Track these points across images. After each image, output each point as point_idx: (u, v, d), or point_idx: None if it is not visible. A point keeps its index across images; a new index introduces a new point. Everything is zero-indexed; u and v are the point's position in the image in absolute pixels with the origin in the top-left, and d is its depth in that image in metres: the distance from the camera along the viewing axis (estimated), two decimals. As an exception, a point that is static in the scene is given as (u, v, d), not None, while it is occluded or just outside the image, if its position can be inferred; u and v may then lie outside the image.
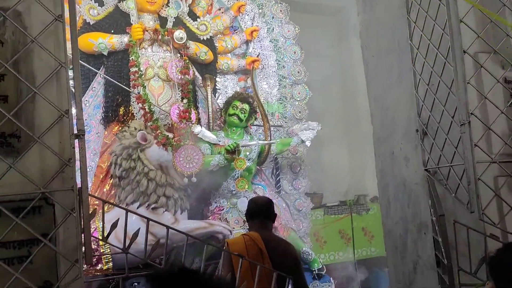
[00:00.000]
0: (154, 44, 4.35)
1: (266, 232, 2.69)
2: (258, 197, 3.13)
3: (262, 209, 2.74)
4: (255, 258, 2.47)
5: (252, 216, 2.74)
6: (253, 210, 2.75)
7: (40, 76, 1.53)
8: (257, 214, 2.73)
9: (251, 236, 2.61)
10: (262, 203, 2.80)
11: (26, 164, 1.50)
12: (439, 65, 2.26)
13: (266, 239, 2.62)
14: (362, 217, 6.19)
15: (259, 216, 2.72)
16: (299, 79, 5.23)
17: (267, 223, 2.74)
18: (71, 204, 1.53)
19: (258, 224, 2.71)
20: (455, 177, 2.19)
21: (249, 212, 2.77)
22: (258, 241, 2.58)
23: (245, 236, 2.65)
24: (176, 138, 4.16)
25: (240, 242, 2.60)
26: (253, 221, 2.73)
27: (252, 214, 2.75)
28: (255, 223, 2.72)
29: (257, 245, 2.56)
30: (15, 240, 1.52)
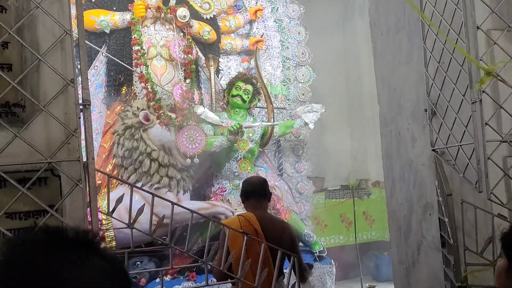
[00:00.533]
0: (156, 22, 4.28)
1: (261, 212, 2.67)
2: (252, 177, 3.07)
3: (256, 188, 2.71)
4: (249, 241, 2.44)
5: (246, 196, 2.71)
6: (247, 191, 2.71)
7: (45, 44, 1.49)
8: (251, 194, 2.70)
9: (246, 217, 2.59)
10: (256, 183, 2.76)
11: (32, 135, 1.47)
12: (450, 42, 2.20)
13: (262, 219, 2.61)
14: (364, 201, 6.21)
15: (254, 196, 2.69)
16: (303, 61, 5.16)
17: (262, 202, 2.72)
18: (78, 175, 1.50)
19: (253, 204, 2.68)
20: (463, 157, 2.17)
21: (244, 193, 2.73)
22: (253, 221, 2.56)
23: (240, 217, 2.63)
24: (179, 118, 4.13)
25: (235, 223, 2.58)
26: (248, 201, 2.71)
27: (246, 194, 2.71)
28: (250, 203, 2.70)
29: (252, 225, 2.55)
30: (21, 211, 1.50)
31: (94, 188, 1.49)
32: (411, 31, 2.53)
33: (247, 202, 2.72)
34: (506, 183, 2.14)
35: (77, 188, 1.48)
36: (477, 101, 2.00)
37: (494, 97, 2.09)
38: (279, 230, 2.67)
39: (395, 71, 2.75)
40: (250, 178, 2.95)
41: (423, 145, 2.57)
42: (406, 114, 2.72)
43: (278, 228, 2.70)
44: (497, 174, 2.09)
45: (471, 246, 2.14)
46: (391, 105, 2.86)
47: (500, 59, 2.10)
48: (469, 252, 2.15)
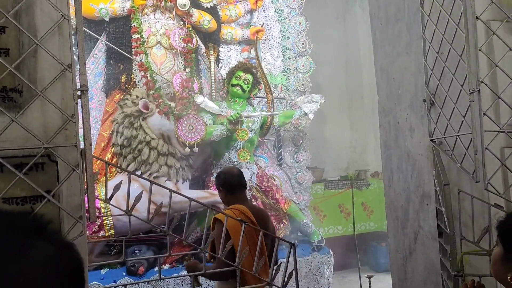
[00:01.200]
0: (156, 11, 4.26)
1: (249, 203, 2.68)
2: (231, 169, 2.93)
3: (241, 180, 2.70)
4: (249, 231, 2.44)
5: (232, 189, 2.67)
6: (233, 183, 2.67)
7: (42, 29, 1.49)
8: (238, 186, 2.68)
9: (240, 210, 2.57)
10: (239, 175, 2.72)
11: (29, 120, 1.48)
12: (450, 33, 2.20)
13: (253, 210, 2.62)
14: (362, 192, 6.23)
15: (240, 188, 2.69)
16: (304, 51, 5.14)
17: (245, 193, 2.73)
18: (75, 161, 1.51)
19: (240, 197, 2.68)
20: (461, 147, 2.17)
21: (229, 186, 2.68)
22: (249, 214, 2.56)
23: (234, 211, 2.58)
24: (179, 107, 4.12)
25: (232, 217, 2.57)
26: (235, 194, 2.67)
27: (232, 187, 2.67)
28: (236, 196, 2.67)
29: (248, 217, 2.54)
30: (17, 197, 1.51)
31: (91, 174, 1.49)
32: (410, 21, 2.52)
33: (233, 194, 2.68)
34: (503, 173, 2.15)
35: (74, 174, 1.49)
36: (475, 92, 2.00)
37: (492, 88, 2.09)
38: (266, 219, 2.71)
39: (394, 61, 2.74)
40: (231, 170, 2.84)
41: (421, 135, 2.57)
42: (405, 104, 2.72)
43: (265, 217, 2.73)
44: (494, 164, 2.09)
45: (467, 236, 2.16)
46: (390, 95, 2.85)
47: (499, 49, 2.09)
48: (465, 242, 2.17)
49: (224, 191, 2.71)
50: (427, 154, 2.52)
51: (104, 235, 3.79)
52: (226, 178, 2.72)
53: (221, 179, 2.73)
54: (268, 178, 4.49)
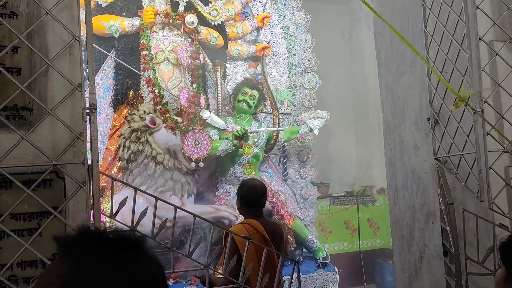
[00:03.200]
0: (165, 28, 4.34)
1: (263, 219, 2.67)
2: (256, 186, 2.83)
3: (261, 199, 2.70)
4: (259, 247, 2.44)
5: (249, 204, 2.67)
6: (252, 200, 2.68)
7: (54, 49, 1.53)
8: (256, 204, 2.68)
9: (252, 225, 2.57)
10: (262, 193, 2.73)
11: (38, 137, 1.51)
12: (453, 53, 2.22)
13: (266, 225, 2.61)
14: (368, 209, 6.19)
15: (258, 206, 2.69)
16: (309, 67, 5.19)
17: (262, 210, 2.73)
18: (82, 178, 1.54)
19: (255, 212, 2.67)
20: (465, 166, 2.17)
21: (248, 201, 2.68)
22: (260, 229, 2.55)
23: (245, 225, 2.58)
24: (185, 122, 4.17)
25: (242, 231, 2.56)
26: (249, 208, 2.68)
27: (251, 202, 2.67)
28: (251, 210, 2.67)
29: (260, 233, 2.54)
30: (25, 212, 1.53)
31: (98, 191, 1.52)
32: (414, 41, 2.55)
33: (249, 209, 2.69)
34: (508, 193, 2.15)
35: (81, 190, 1.51)
36: (479, 111, 2.01)
37: (496, 108, 2.11)
38: (280, 235, 2.68)
39: (399, 80, 2.77)
40: (254, 187, 2.78)
41: (425, 153, 2.58)
42: (409, 123, 2.74)
43: (279, 232, 2.70)
44: (499, 184, 2.09)
45: (472, 255, 2.14)
46: (395, 113, 2.87)
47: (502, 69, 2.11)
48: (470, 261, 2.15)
49: (242, 202, 2.71)
50: (432, 172, 2.52)
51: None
52: (248, 192, 2.70)
53: (244, 191, 2.72)
54: (273, 194, 4.49)
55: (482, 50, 2.12)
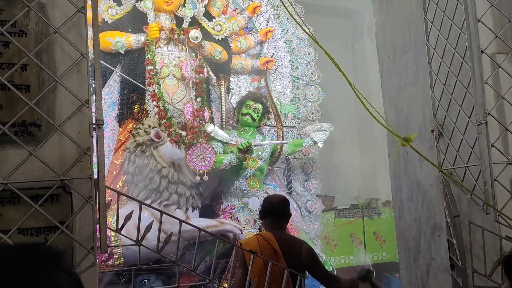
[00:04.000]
0: (170, 43, 4.40)
1: (279, 231, 2.64)
2: (273, 196, 3.07)
3: (275, 208, 2.69)
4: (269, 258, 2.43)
5: (265, 215, 2.70)
6: (267, 209, 2.70)
7: (62, 66, 1.56)
8: (270, 213, 2.68)
9: (264, 236, 2.58)
10: (276, 202, 2.74)
11: (46, 152, 1.53)
12: (455, 65, 2.24)
13: (280, 238, 2.58)
14: (374, 221, 6.15)
15: (273, 215, 2.68)
16: (313, 80, 5.23)
17: (280, 222, 2.69)
18: (88, 192, 1.55)
19: (271, 224, 2.67)
20: (470, 178, 2.17)
21: (263, 211, 2.73)
22: (272, 241, 2.54)
23: (258, 237, 2.60)
24: (189, 136, 4.19)
25: (253, 242, 2.56)
26: (266, 220, 2.70)
27: (266, 213, 2.70)
28: (267, 222, 2.69)
29: (271, 245, 2.53)
30: (32, 227, 1.55)
31: (104, 205, 1.53)
32: (417, 53, 2.57)
33: (265, 220, 2.71)
34: (514, 205, 2.13)
35: (87, 205, 1.53)
36: (483, 123, 2.02)
37: (500, 119, 2.11)
38: (297, 250, 2.62)
39: (402, 93, 2.79)
40: (272, 197, 2.93)
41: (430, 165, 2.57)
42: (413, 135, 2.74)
43: (296, 247, 2.64)
44: (505, 196, 2.09)
45: (479, 269, 2.13)
46: (399, 126, 2.88)
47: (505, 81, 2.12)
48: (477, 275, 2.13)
49: (260, 215, 2.78)
50: (437, 184, 2.52)
51: (113, 263, 3.79)
52: (263, 203, 2.78)
53: (262, 204, 2.80)
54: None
55: (485, 63, 2.14)
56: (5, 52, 1.55)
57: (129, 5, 4.37)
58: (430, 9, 2.45)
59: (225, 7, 4.96)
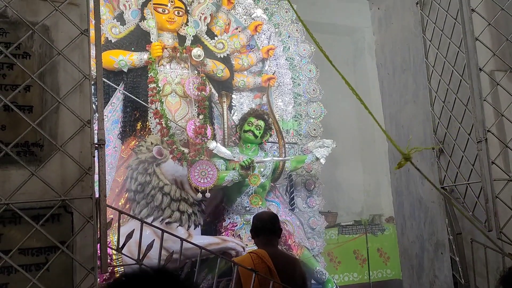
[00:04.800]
0: (172, 61, 4.45)
1: (272, 248, 2.64)
2: (262, 213, 3.05)
3: (266, 225, 2.68)
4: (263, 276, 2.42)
5: (257, 232, 2.69)
6: (257, 227, 2.69)
7: (65, 87, 1.59)
8: (261, 231, 2.67)
9: (258, 254, 2.56)
10: (266, 219, 2.73)
11: (47, 172, 1.55)
12: (455, 83, 2.26)
13: (274, 256, 2.57)
14: (377, 238, 6.10)
15: (264, 233, 2.67)
16: (314, 97, 5.26)
17: (273, 239, 2.69)
18: (89, 212, 1.56)
19: (263, 241, 2.66)
20: (472, 195, 2.17)
21: (254, 229, 2.71)
22: (266, 259, 2.53)
23: (252, 254, 2.58)
24: (192, 153, 4.20)
25: (247, 260, 2.55)
26: (258, 237, 2.68)
27: (256, 230, 2.69)
28: (260, 240, 2.67)
29: (265, 263, 2.51)
30: (33, 247, 1.55)
31: (105, 225, 1.54)
32: (416, 71, 2.59)
33: (257, 238, 2.69)
34: (516, 222, 2.12)
35: (88, 224, 1.53)
36: (483, 141, 2.02)
37: (500, 136, 2.12)
38: (291, 267, 2.63)
39: (402, 110, 2.80)
40: (261, 214, 2.93)
41: (432, 182, 2.57)
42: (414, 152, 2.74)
43: (290, 264, 2.66)
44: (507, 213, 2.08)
45: (482, 286, 2.11)
46: (399, 143, 2.88)
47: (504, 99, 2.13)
48: (481, 293, 2.11)
49: (251, 233, 2.75)
50: (439, 201, 2.51)
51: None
52: (253, 221, 2.76)
53: (253, 222, 2.78)
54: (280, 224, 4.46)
55: (484, 80, 2.15)
56: (9, 73, 1.58)
57: (132, 24, 4.44)
58: (428, 27, 2.48)
59: (227, 26, 5.03)
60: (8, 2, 1.54)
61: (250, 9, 5.18)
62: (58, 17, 1.59)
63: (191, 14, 4.68)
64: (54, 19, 1.59)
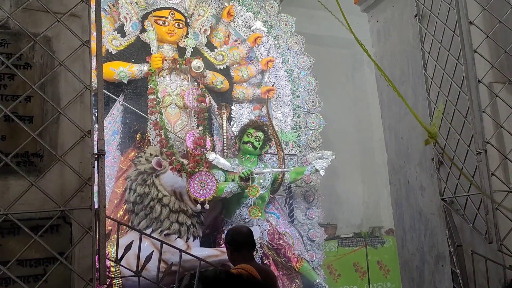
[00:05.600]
0: (172, 73, 4.48)
1: (254, 263, 2.67)
2: (240, 227, 3.02)
3: (248, 239, 2.71)
4: None
5: (239, 248, 2.69)
6: (240, 241, 2.70)
7: (65, 98, 1.60)
8: (245, 245, 2.69)
9: (247, 270, 2.57)
10: (246, 233, 2.76)
11: (47, 183, 1.54)
12: (453, 94, 2.27)
13: (259, 270, 2.60)
14: (377, 250, 6.06)
15: (247, 247, 2.70)
16: (314, 109, 5.27)
17: (252, 253, 2.74)
18: (88, 223, 1.55)
19: (245, 256, 2.68)
20: (472, 207, 2.16)
21: (235, 244, 2.70)
22: (255, 274, 2.54)
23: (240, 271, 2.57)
24: (191, 164, 4.20)
25: None
26: (239, 252, 2.68)
27: (238, 245, 2.69)
28: (241, 254, 2.68)
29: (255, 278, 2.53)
30: (31, 258, 1.54)
31: (104, 236, 1.53)
32: (415, 83, 2.61)
33: (238, 253, 2.70)
34: (517, 234, 2.11)
35: (87, 235, 1.52)
36: (482, 152, 2.02)
37: (499, 148, 2.12)
38: (273, 280, 2.70)
39: (402, 121, 2.81)
40: (240, 228, 2.93)
41: (432, 194, 2.57)
42: (414, 163, 2.74)
43: (271, 277, 2.73)
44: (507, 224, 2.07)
45: (484, 300, 2.09)
46: (399, 154, 2.89)
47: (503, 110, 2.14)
48: (483, 306, 2.09)
49: (231, 248, 2.73)
50: (439, 213, 2.50)
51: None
52: (234, 235, 2.75)
53: (230, 236, 2.77)
54: (279, 236, 4.44)
55: (482, 92, 2.17)
56: (10, 84, 1.58)
57: (132, 36, 4.47)
58: (426, 40, 2.50)
59: (227, 38, 5.07)
60: (10, 13, 1.56)
61: (250, 21, 5.23)
62: (60, 28, 1.60)
63: (191, 26, 4.72)
64: (56, 30, 1.61)
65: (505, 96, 2.17)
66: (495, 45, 2.25)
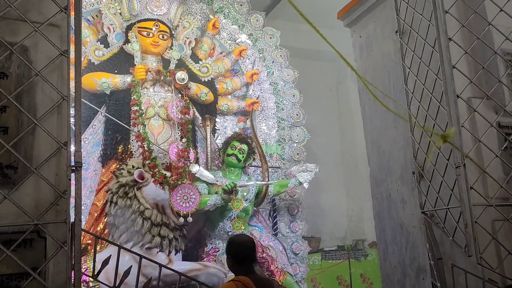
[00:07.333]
0: (156, 84, 4.45)
1: (254, 275, 2.60)
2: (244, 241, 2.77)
3: (251, 253, 2.62)
4: None
5: (241, 261, 2.59)
6: (243, 256, 2.60)
7: (42, 108, 1.56)
8: (246, 260, 2.59)
9: (243, 282, 2.51)
10: (249, 246, 2.65)
11: (21, 196, 1.50)
12: (433, 109, 2.31)
13: (257, 282, 2.53)
14: (361, 263, 6.07)
15: (249, 261, 2.61)
16: (298, 122, 5.30)
17: (253, 265, 2.65)
18: (63, 237, 1.51)
19: (246, 269, 2.59)
20: (452, 220, 2.18)
21: (238, 257, 2.60)
22: (251, 286, 2.49)
23: (236, 282, 2.52)
24: (174, 177, 4.15)
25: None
26: (241, 266, 2.58)
27: (242, 259, 2.59)
28: (243, 268, 2.58)
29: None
30: (3, 274, 1.49)
31: (79, 251, 1.48)
32: (396, 97, 2.64)
33: (240, 266, 2.60)
34: (496, 247, 2.14)
35: (62, 250, 1.48)
36: (461, 166, 2.05)
37: (478, 162, 2.15)
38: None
39: (383, 135, 2.84)
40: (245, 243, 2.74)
41: (412, 207, 2.59)
42: (395, 176, 2.77)
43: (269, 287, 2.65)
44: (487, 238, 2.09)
45: (465, 313, 2.09)
46: (381, 167, 2.91)
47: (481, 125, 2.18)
48: (463, 320, 2.10)
49: (232, 259, 2.63)
50: (419, 226, 2.52)
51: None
52: (237, 249, 2.63)
53: (233, 248, 2.65)
54: (263, 249, 4.40)
55: (461, 107, 2.21)
56: (-15, 94, 1.54)
57: (116, 47, 4.43)
58: (407, 55, 2.55)
59: (212, 50, 5.08)
60: (-13, 22, 1.53)
61: (235, 34, 5.25)
62: (38, 38, 1.57)
63: (176, 38, 4.71)
64: (34, 39, 1.58)
65: (483, 111, 2.22)
66: (474, 61, 2.30)
